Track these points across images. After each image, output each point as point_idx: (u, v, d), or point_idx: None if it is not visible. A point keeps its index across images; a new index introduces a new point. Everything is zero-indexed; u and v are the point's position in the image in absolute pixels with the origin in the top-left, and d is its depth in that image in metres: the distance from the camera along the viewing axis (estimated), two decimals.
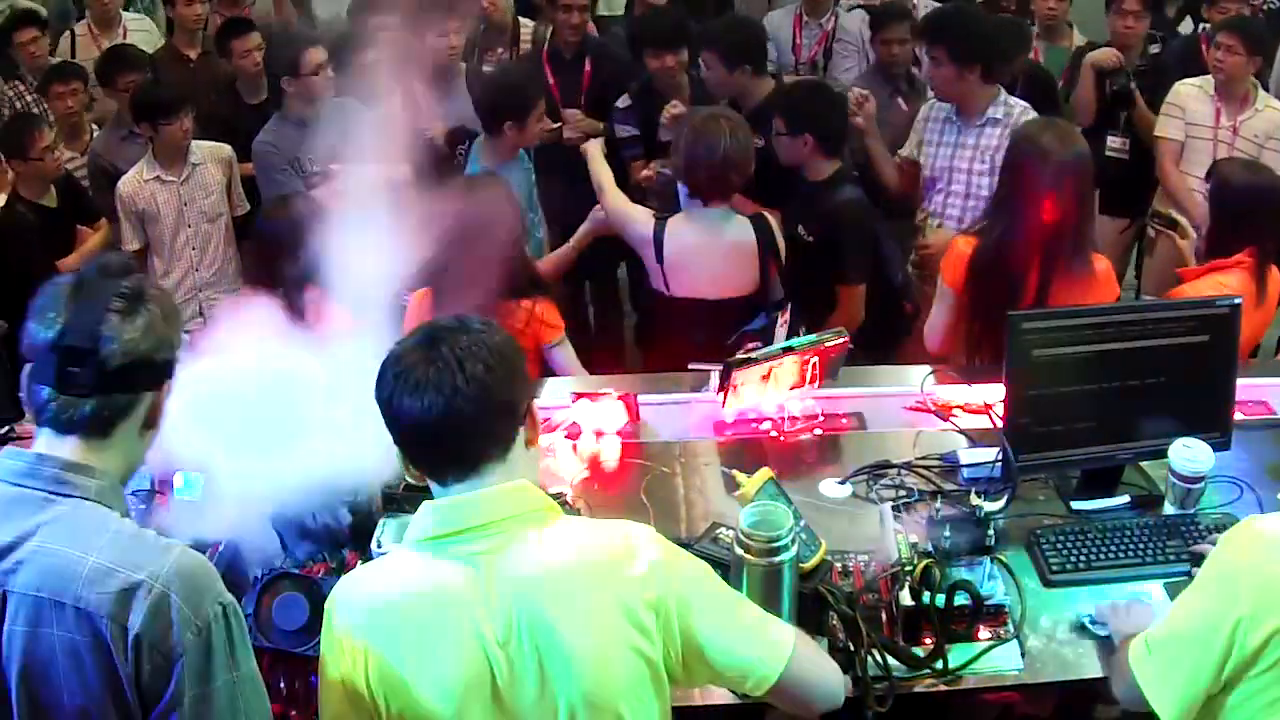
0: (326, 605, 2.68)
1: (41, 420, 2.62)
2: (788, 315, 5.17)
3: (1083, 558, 3.75)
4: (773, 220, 5.58)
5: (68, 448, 2.58)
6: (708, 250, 5.43)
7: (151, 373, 2.62)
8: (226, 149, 7.17)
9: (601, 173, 5.91)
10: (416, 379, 2.57)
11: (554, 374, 5.09)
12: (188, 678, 2.43)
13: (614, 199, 5.77)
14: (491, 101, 6.53)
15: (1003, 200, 4.90)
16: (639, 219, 5.60)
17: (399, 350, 2.66)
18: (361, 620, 2.59)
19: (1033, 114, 6.24)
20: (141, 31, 9.21)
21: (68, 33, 9.17)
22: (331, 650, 2.63)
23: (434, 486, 2.69)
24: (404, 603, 2.58)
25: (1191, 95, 7.06)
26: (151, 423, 2.67)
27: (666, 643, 2.63)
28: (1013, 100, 6.40)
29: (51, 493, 2.52)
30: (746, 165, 5.38)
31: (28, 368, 2.65)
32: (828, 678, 2.90)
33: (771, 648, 2.75)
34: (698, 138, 5.32)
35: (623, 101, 7.32)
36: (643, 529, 2.75)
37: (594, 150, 6.05)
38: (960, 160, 6.42)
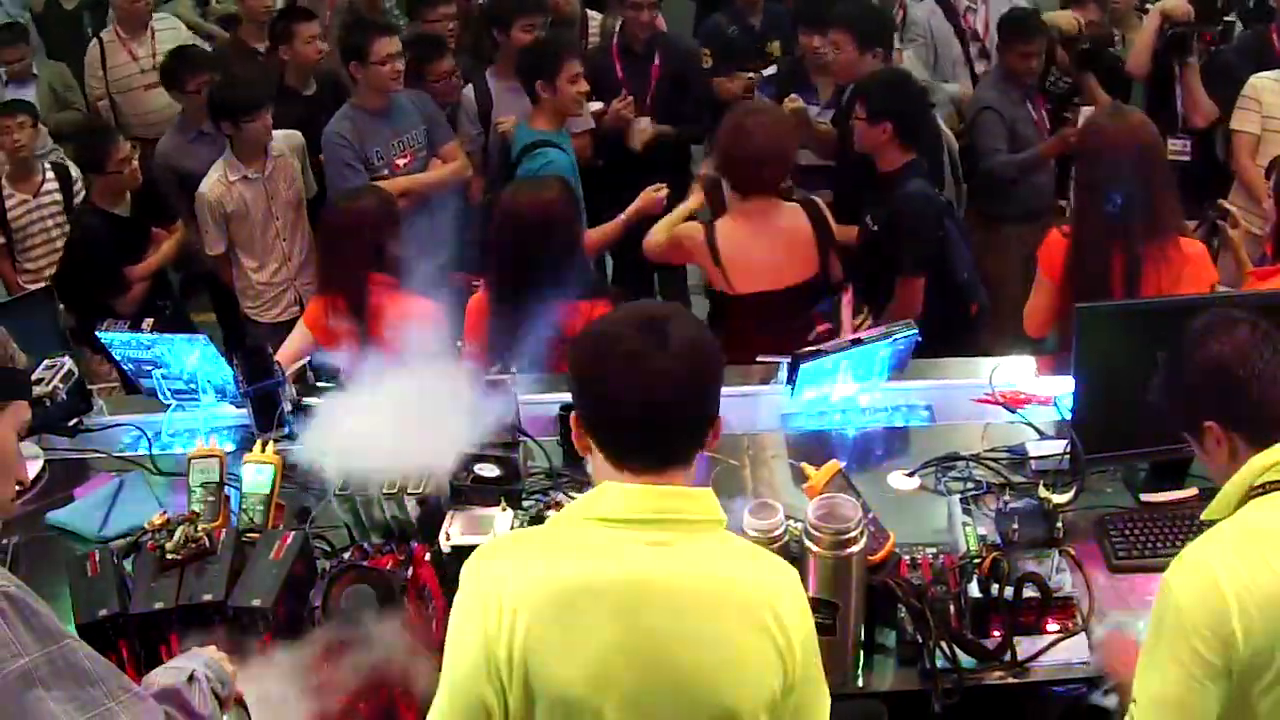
0: (471, 566, 2.61)
1: None
2: (850, 295, 5.16)
3: (1149, 545, 3.75)
4: (823, 204, 5.59)
5: None
6: (762, 242, 5.41)
7: None
8: (298, 136, 7.16)
9: (677, 213, 5.90)
10: (634, 364, 2.52)
11: None
12: None
13: (657, 234, 5.80)
14: (521, 65, 6.71)
15: (1078, 190, 4.90)
16: (686, 232, 5.61)
17: (616, 331, 2.60)
18: (520, 586, 2.52)
19: None
20: (169, 30, 9.14)
21: (95, 40, 9.17)
22: (473, 611, 2.54)
23: (618, 472, 2.60)
24: (567, 574, 2.53)
25: (1268, 88, 6.96)
26: None
27: (791, 682, 2.58)
28: None
29: None
30: (783, 160, 5.39)
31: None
32: None
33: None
34: (734, 134, 5.33)
35: (769, 70, 7.55)
36: (790, 566, 2.74)
37: (695, 197, 6.02)
38: None
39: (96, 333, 4.85)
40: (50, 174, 7.44)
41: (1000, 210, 7.13)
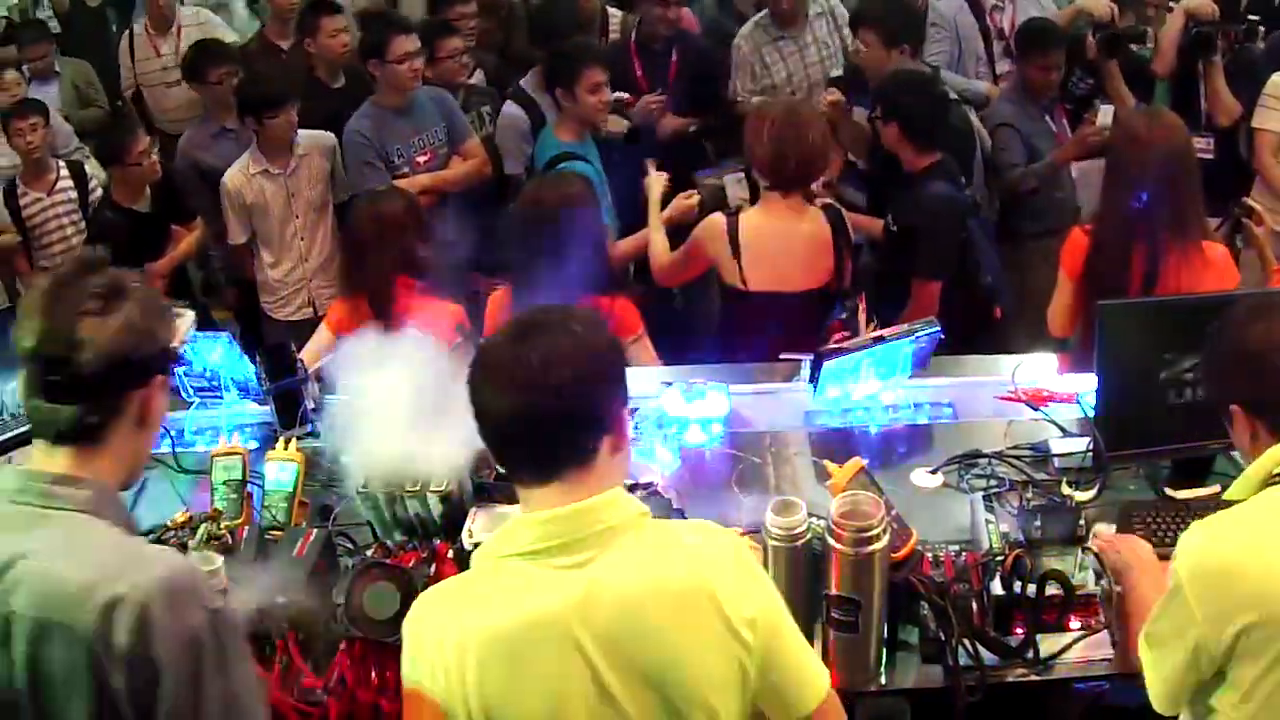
0: (410, 624, 2.62)
1: (36, 432, 2.58)
2: (864, 302, 5.14)
3: (1172, 539, 3.72)
4: (844, 211, 5.56)
5: (59, 459, 2.54)
6: (785, 241, 5.36)
7: (134, 371, 2.56)
8: (330, 138, 7.10)
9: (657, 233, 5.91)
10: (499, 375, 2.54)
11: None
12: (176, 689, 2.40)
13: (666, 252, 5.80)
14: (544, 73, 6.74)
15: (1106, 188, 4.89)
16: (704, 230, 5.52)
17: (491, 342, 2.64)
18: (457, 637, 2.52)
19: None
20: (196, 25, 9.17)
21: (127, 32, 9.27)
22: (424, 675, 2.55)
23: (517, 489, 2.64)
24: (502, 619, 2.51)
25: None
26: (145, 421, 2.62)
27: (759, 655, 2.60)
28: None
29: (43, 508, 2.49)
30: (826, 158, 5.37)
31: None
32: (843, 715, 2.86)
33: (818, 675, 2.72)
34: (785, 131, 5.26)
35: (834, 71, 7.54)
36: (731, 537, 2.77)
37: (654, 220, 5.99)
38: (810, 57, 7.65)
39: None
40: (64, 171, 7.52)
41: (1023, 225, 7.06)
